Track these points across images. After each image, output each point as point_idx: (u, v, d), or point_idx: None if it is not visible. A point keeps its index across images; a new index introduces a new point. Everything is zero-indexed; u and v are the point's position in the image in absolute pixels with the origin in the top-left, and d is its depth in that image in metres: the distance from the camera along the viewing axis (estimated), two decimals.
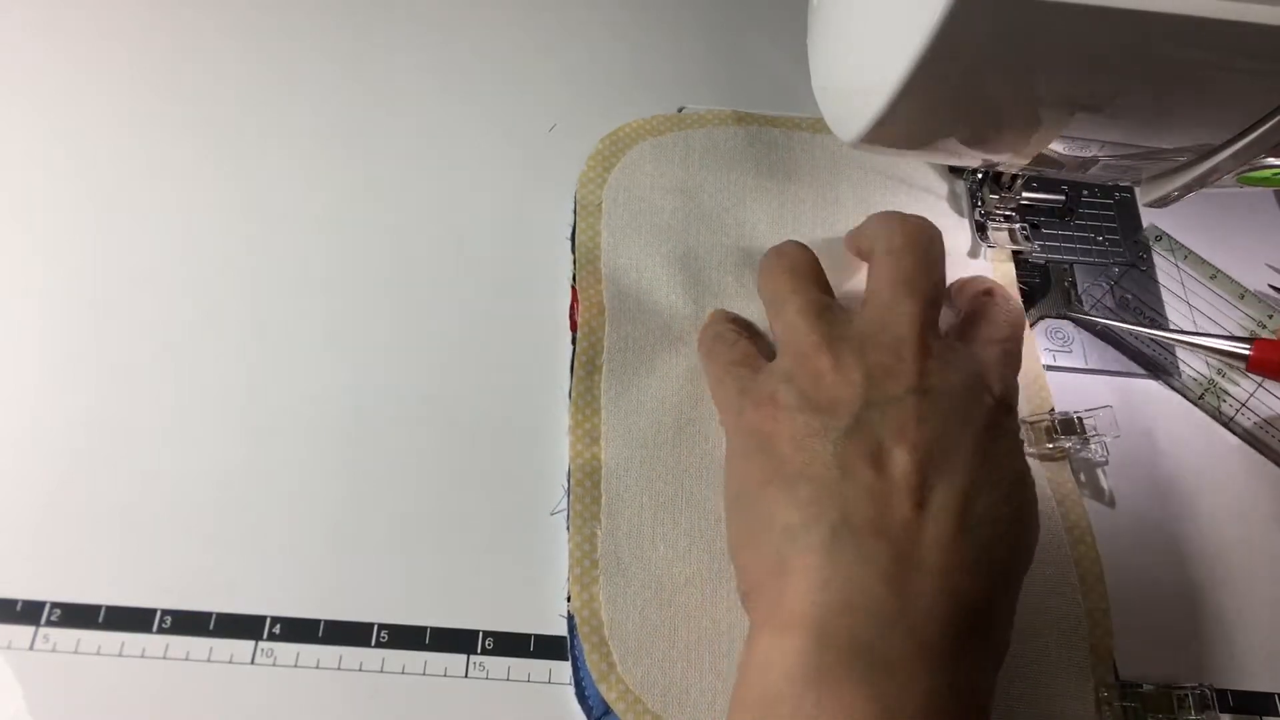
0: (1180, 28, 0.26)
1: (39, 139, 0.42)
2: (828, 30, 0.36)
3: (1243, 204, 0.47)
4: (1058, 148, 0.33)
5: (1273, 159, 0.32)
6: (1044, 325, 0.42)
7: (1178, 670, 0.36)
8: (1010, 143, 0.34)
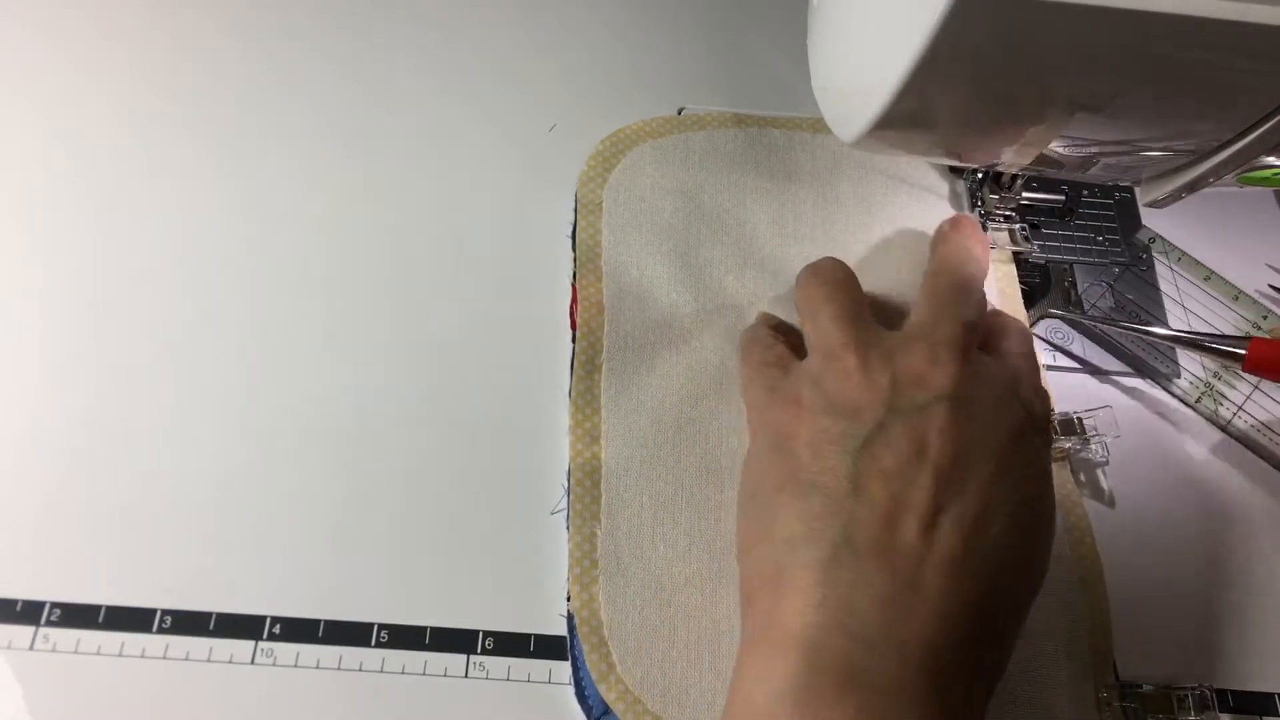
0: (1180, 28, 0.26)
1: (39, 139, 0.42)
2: (828, 30, 0.36)
3: (1242, 204, 0.47)
4: (1058, 148, 0.33)
5: (1273, 159, 0.32)
6: (1044, 325, 0.42)
7: (1177, 670, 0.36)
8: (1010, 143, 0.34)
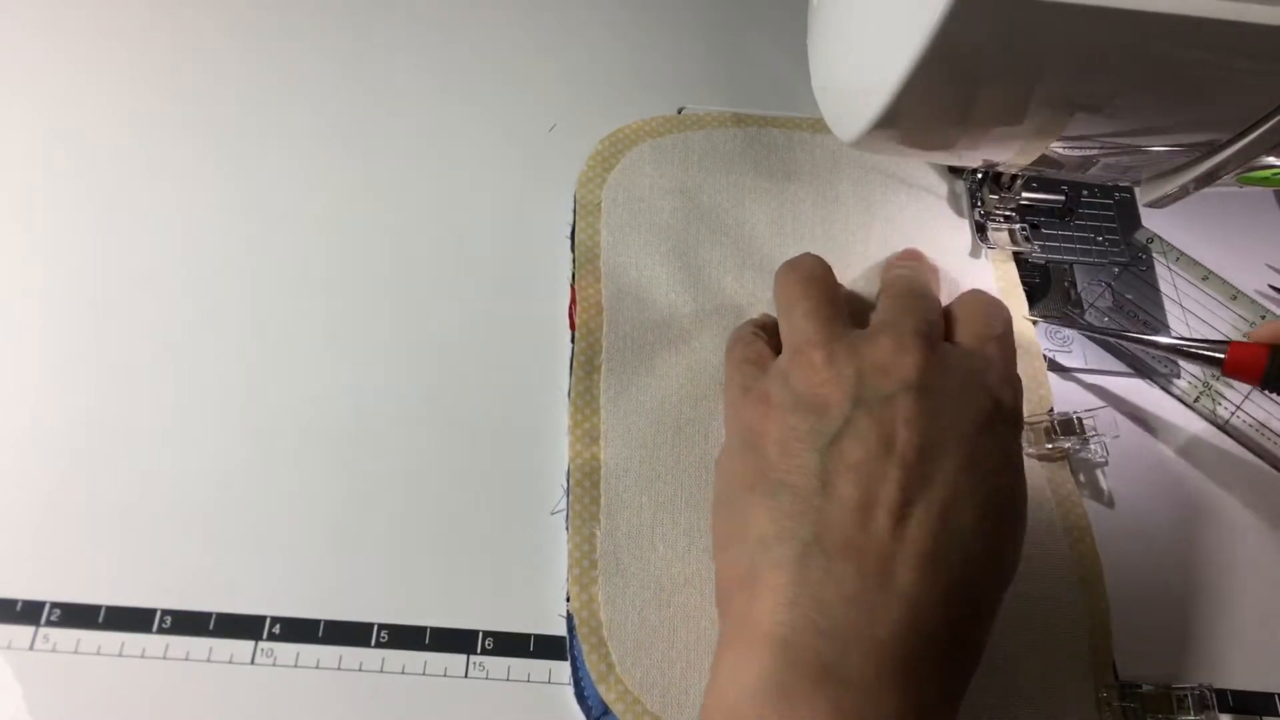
0: (1180, 28, 0.26)
1: (39, 139, 0.42)
2: (828, 30, 0.36)
3: (1242, 204, 0.47)
4: (1058, 148, 0.33)
5: (1273, 159, 0.32)
6: (1043, 326, 0.42)
7: (1175, 670, 0.36)
8: (1010, 143, 0.34)
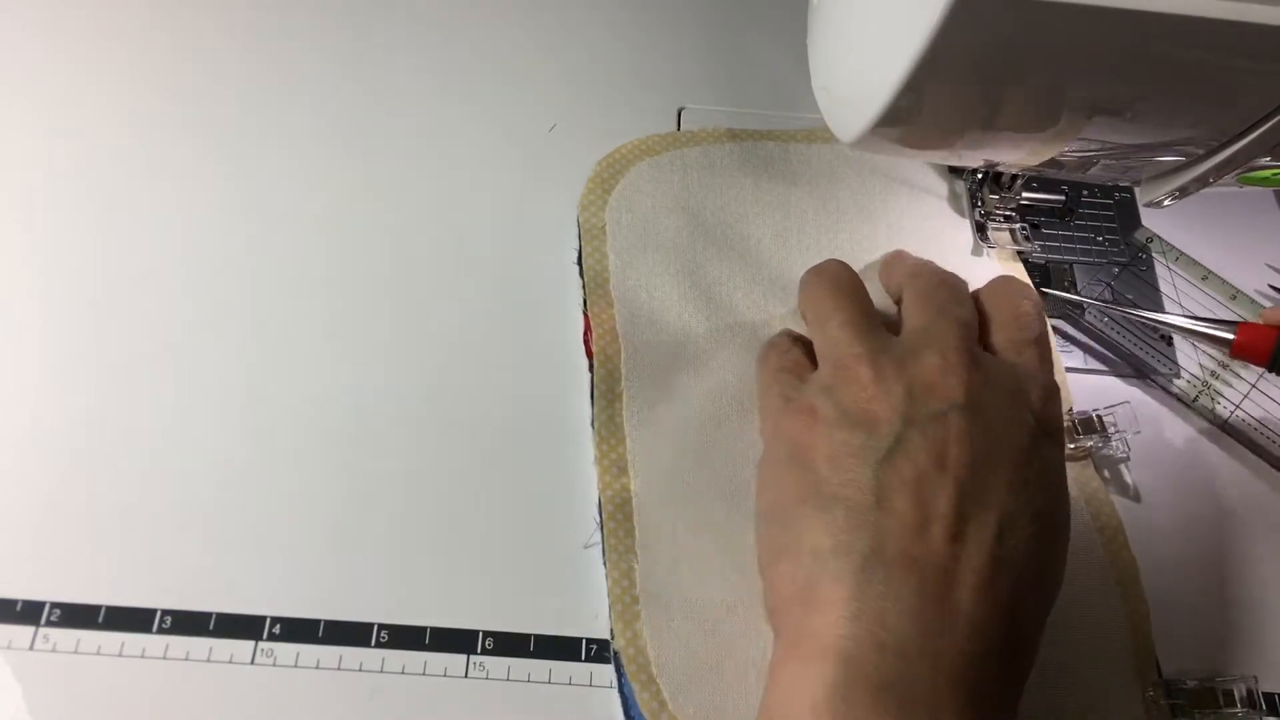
0: (1180, 28, 0.26)
1: (39, 139, 0.42)
2: (828, 30, 0.36)
3: (1242, 204, 0.47)
4: (1058, 148, 0.33)
5: (1273, 159, 0.32)
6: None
7: (1214, 665, 0.36)
8: (1010, 143, 0.34)
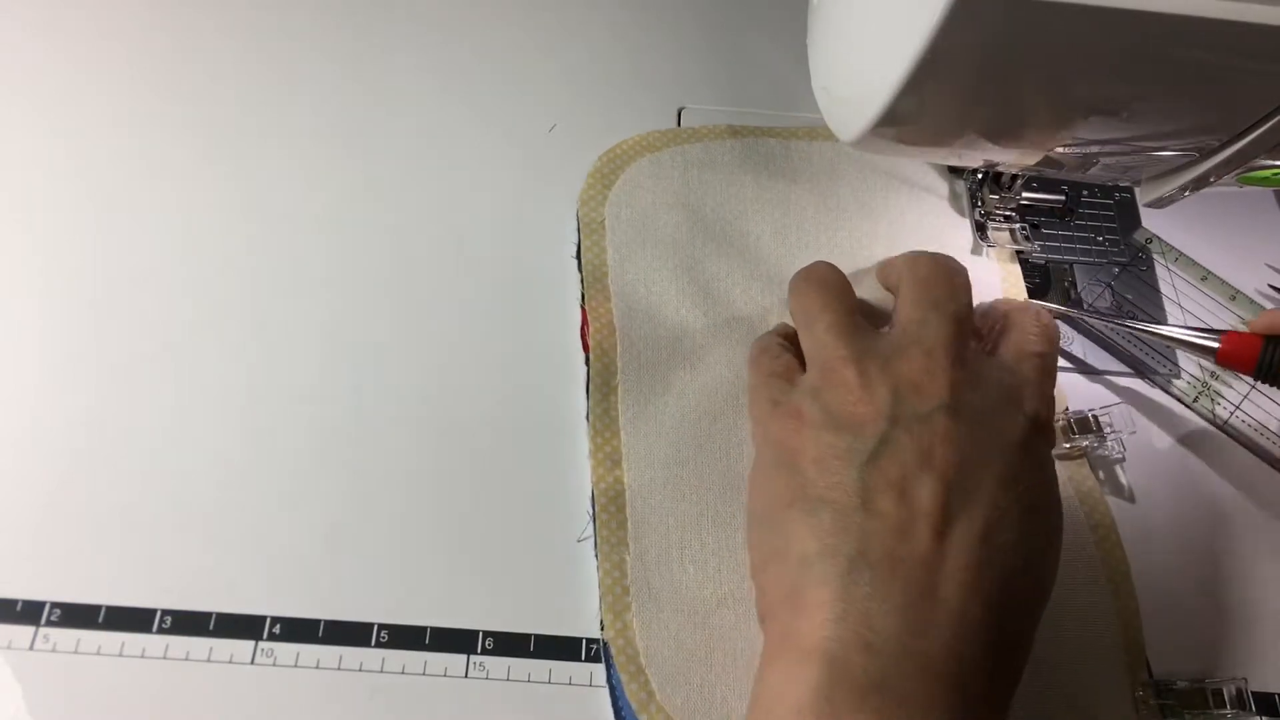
0: (1180, 28, 0.26)
1: (39, 139, 0.42)
2: (828, 30, 0.36)
3: (1242, 204, 0.47)
4: (1058, 148, 0.33)
5: (1273, 159, 0.32)
6: None
7: (1205, 666, 0.36)
8: (1010, 142, 0.34)
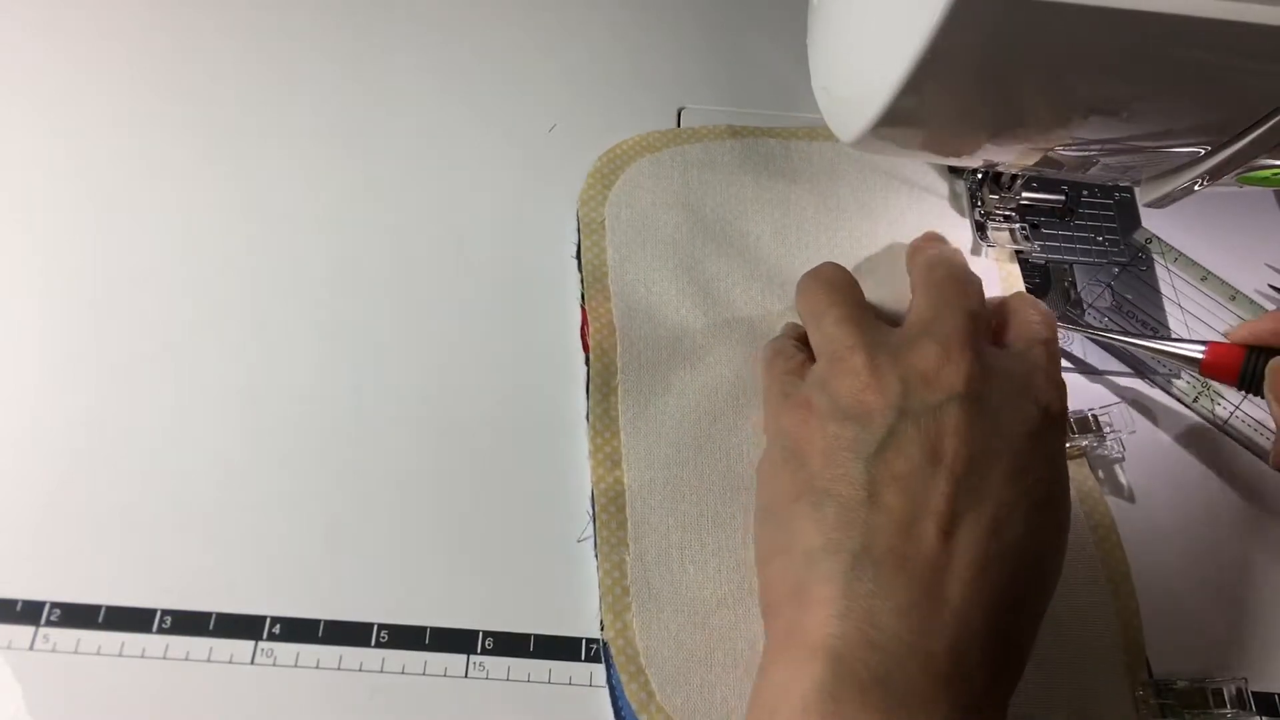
0: (1180, 28, 0.26)
1: (39, 139, 0.42)
2: (828, 30, 0.36)
3: (1242, 204, 0.47)
4: (1058, 147, 0.33)
5: (1273, 159, 0.32)
6: None
7: (1205, 665, 0.36)
8: (1010, 143, 0.34)
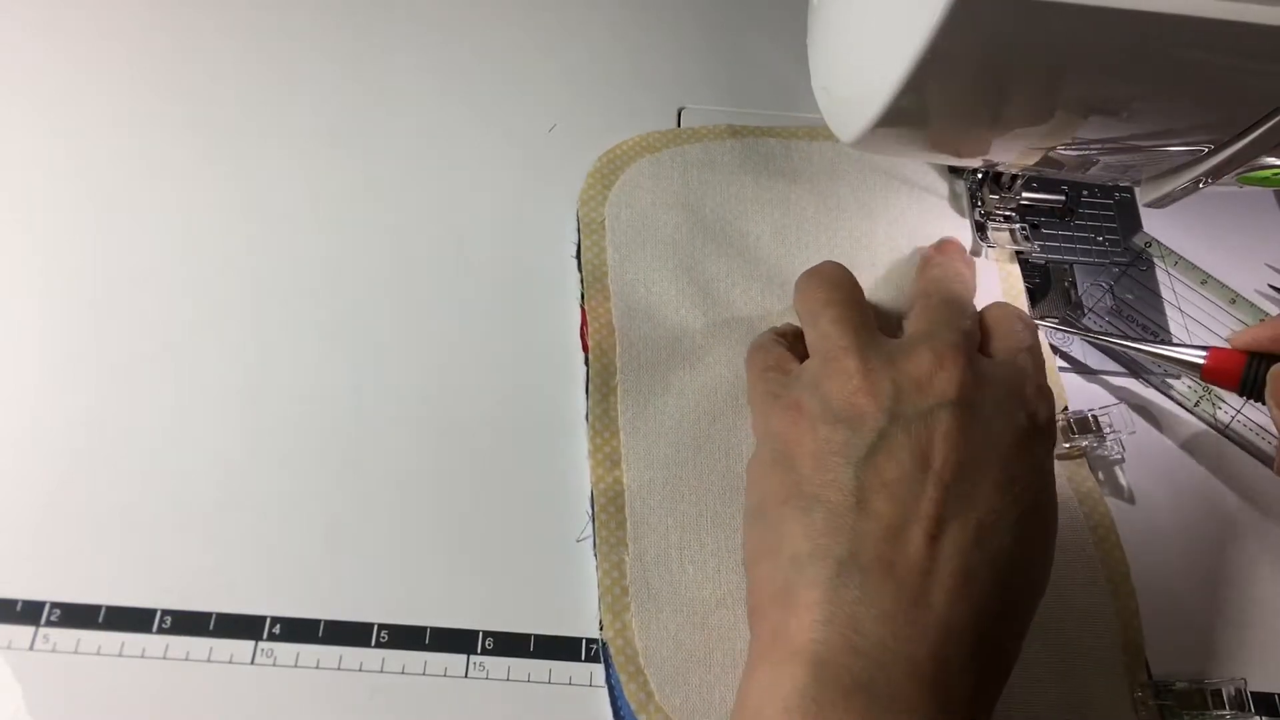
0: (1180, 28, 0.26)
1: (39, 139, 0.42)
2: (828, 30, 0.36)
3: (1242, 204, 0.47)
4: (1058, 147, 0.33)
5: (1273, 159, 0.32)
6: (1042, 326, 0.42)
7: (1203, 666, 0.36)
8: (1010, 142, 0.34)
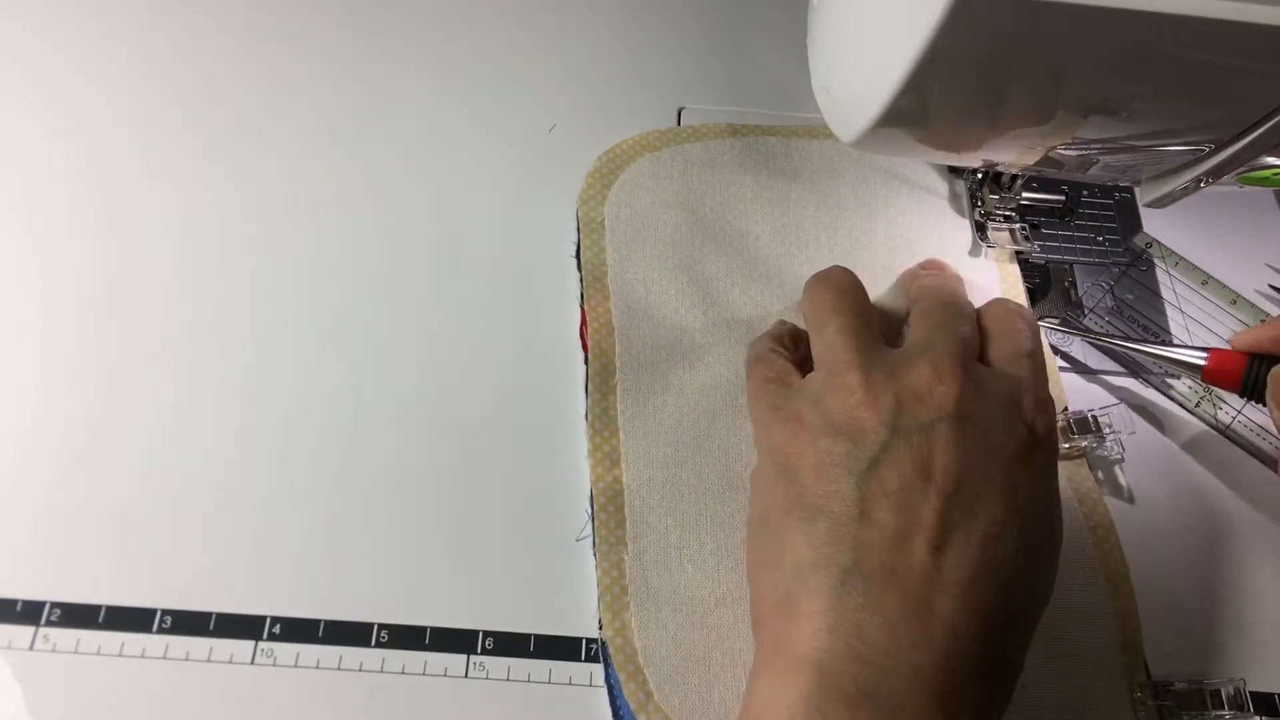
0: (1180, 28, 0.26)
1: (39, 139, 0.42)
2: (828, 30, 0.36)
3: (1242, 204, 0.47)
4: (1058, 147, 0.33)
5: (1273, 159, 0.32)
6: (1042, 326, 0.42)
7: (1202, 667, 0.36)
8: (1010, 142, 0.34)
